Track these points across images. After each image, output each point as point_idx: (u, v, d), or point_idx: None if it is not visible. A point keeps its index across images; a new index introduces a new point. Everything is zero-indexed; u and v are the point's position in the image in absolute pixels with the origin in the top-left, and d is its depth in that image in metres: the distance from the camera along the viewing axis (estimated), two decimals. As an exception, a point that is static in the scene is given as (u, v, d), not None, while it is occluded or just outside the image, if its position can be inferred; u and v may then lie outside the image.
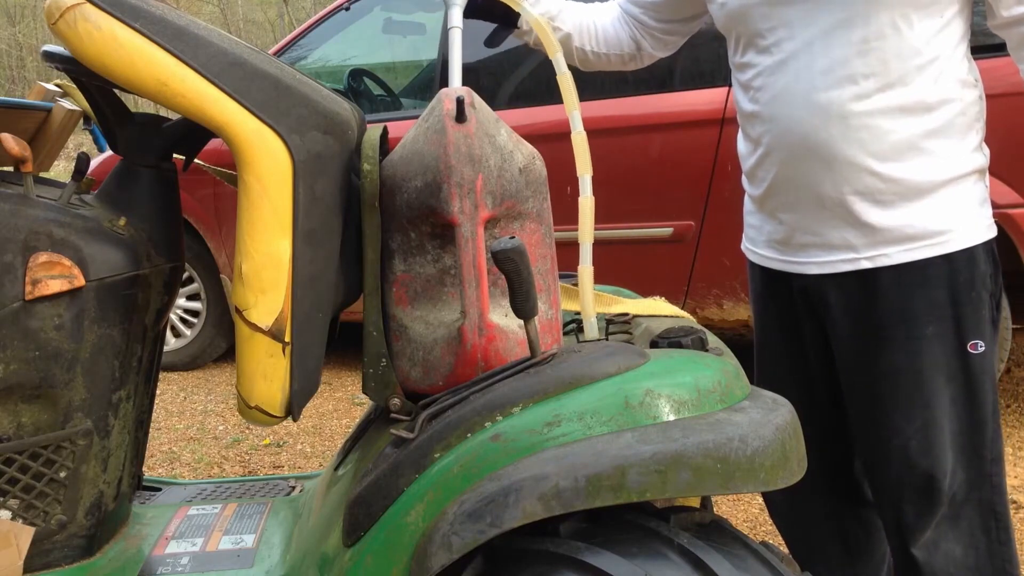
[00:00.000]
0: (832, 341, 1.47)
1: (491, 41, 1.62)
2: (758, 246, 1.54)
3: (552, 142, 2.39)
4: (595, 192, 1.27)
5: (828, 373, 1.53)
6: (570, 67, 1.41)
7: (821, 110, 1.32)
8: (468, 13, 1.49)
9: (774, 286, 1.54)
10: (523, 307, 1.05)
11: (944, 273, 1.34)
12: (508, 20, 1.58)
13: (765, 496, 1.73)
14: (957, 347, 1.35)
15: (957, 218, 1.33)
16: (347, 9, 3.98)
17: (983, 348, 1.36)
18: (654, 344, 1.18)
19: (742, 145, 1.53)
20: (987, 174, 1.40)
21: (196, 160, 1.51)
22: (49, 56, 1.27)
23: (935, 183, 1.33)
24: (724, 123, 3.12)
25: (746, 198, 1.57)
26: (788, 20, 1.35)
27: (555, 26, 1.62)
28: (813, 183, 1.37)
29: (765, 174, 1.45)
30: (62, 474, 1.24)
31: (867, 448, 1.46)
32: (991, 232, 1.38)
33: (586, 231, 1.25)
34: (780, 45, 1.37)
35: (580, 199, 1.25)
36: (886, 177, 1.33)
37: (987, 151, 1.40)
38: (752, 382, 1.15)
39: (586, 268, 1.25)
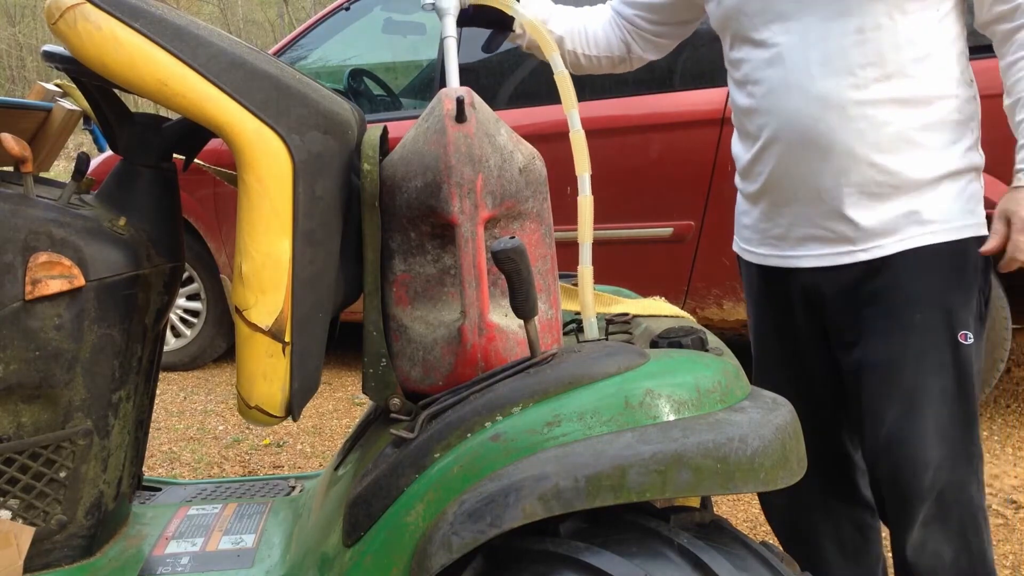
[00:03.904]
0: (829, 334, 1.48)
1: (488, 46, 1.62)
2: (754, 245, 1.55)
3: (552, 142, 2.39)
4: (595, 192, 1.27)
5: (826, 373, 1.53)
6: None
7: (819, 100, 1.33)
8: (462, 21, 1.49)
9: (772, 287, 1.55)
10: (523, 307, 1.05)
11: (935, 261, 1.35)
12: (503, 24, 1.58)
13: (761, 497, 1.73)
14: (948, 336, 1.36)
15: (949, 210, 1.35)
16: (347, 9, 3.98)
17: (972, 340, 1.37)
18: (654, 344, 1.17)
19: (737, 145, 1.53)
20: (982, 175, 1.42)
21: (196, 160, 1.51)
22: (49, 56, 1.27)
23: (929, 178, 1.34)
24: (724, 123, 3.12)
25: (739, 199, 1.58)
26: (783, 12, 1.36)
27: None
28: (811, 175, 1.38)
29: (763, 168, 1.45)
30: (62, 474, 1.24)
31: (863, 441, 1.47)
32: (983, 229, 1.39)
33: (585, 231, 1.25)
34: (775, 38, 1.38)
35: (579, 198, 1.25)
36: (882, 168, 1.34)
37: (982, 153, 1.41)
38: (751, 382, 1.15)
39: (586, 268, 1.25)
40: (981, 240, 1.37)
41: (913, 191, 1.35)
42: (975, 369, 1.39)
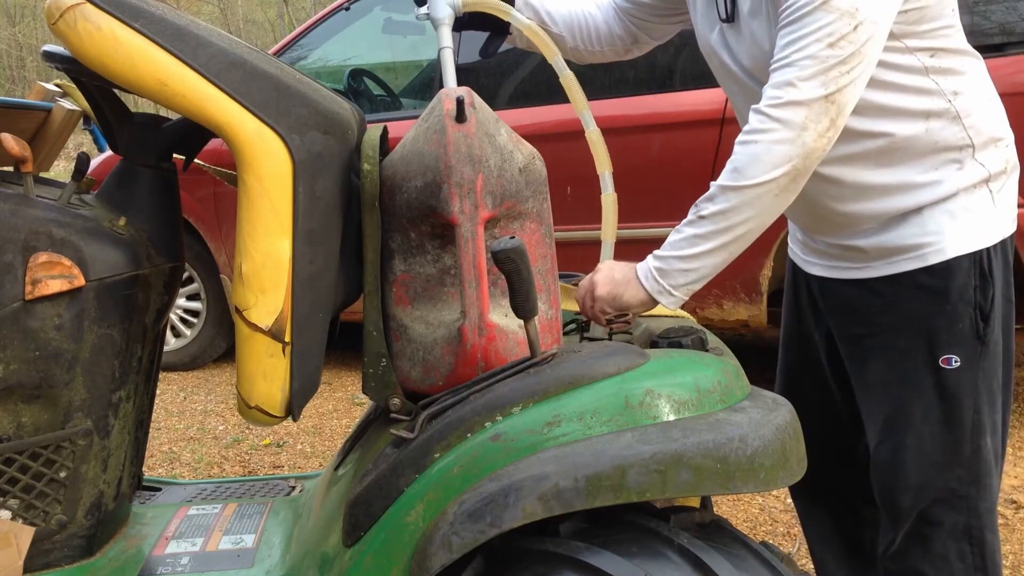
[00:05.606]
0: (837, 343, 1.49)
1: (485, 51, 1.61)
2: (792, 241, 1.58)
3: (552, 142, 2.39)
4: (594, 192, 1.27)
5: (840, 367, 1.53)
6: (568, 64, 1.41)
7: None
8: (458, 27, 1.48)
9: (800, 279, 1.56)
10: (523, 307, 1.05)
11: (918, 285, 1.31)
12: (500, 28, 1.56)
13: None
14: (928, 361, 1.32)
15: (936, 233, 1.30)
16: (347, 9, 3.97)
17: (958, 364, 1.30)
18: (654, 344, 1.18)
19: None
20: (994, 182, 1.32)
21: (196, 160, 1.51)
22: (49, 56, 1.27)
23: (908, 209, 1.31)
24: (724, 123, 3.12)
25: None
26: (720, 77, 1.41)
27: (546, 29, 1.61)
28: (799, 214, 1.41)
29: None
30: (62, 474, 1.24)
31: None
32: (980, 243, 1.30)
33: (609, 228, 1.25)
34: (732, 100, 1.43)
35: (603, 196, 1.25)
36: (855, 215, 1.34)
37: (991, 159, 1.31)
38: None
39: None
40: (976, 255, 1.30)
41: (894, 223, 1.32)
42: (969, 391, 1.31)
